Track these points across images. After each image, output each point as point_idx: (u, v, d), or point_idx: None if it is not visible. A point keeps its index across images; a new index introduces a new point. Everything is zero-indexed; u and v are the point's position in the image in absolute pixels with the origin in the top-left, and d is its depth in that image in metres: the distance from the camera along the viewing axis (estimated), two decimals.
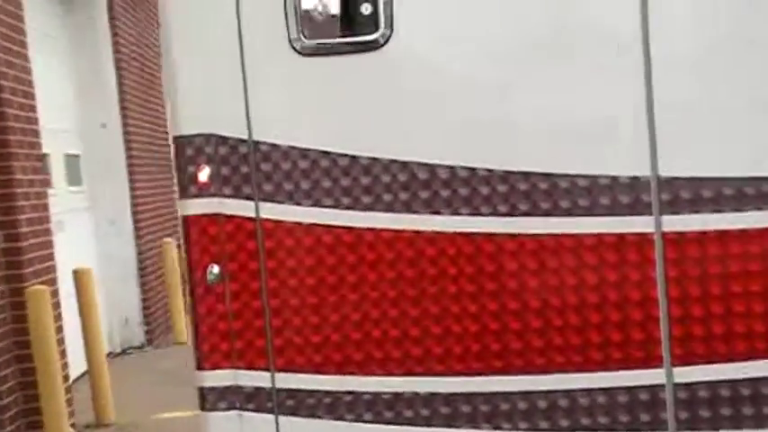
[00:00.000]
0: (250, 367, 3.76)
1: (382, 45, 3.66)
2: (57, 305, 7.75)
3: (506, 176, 3.63)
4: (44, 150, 8.30)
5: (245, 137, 3.73)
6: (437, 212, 3.67)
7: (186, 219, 3.79)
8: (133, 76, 11.14)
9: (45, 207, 8.33)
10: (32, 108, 8.19)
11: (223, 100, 3.71)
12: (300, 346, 3.74)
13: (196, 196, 3.76)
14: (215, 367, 3.78)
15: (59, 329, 7.55)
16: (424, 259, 3.68)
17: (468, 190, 3.65)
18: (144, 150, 11.31)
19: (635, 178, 3.56)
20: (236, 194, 3.74)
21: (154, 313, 10.92)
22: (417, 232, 3.68)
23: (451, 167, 3.65)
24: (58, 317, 7.65)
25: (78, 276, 8.17)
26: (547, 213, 3.61)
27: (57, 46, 9.77)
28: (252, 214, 3.74)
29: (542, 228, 3.63)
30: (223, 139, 3.73)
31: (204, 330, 3.78)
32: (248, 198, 3.74)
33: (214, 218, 3.74)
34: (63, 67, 9.96)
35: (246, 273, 3.75)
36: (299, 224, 3.72)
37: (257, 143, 3.72)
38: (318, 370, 3.75)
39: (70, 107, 10.12)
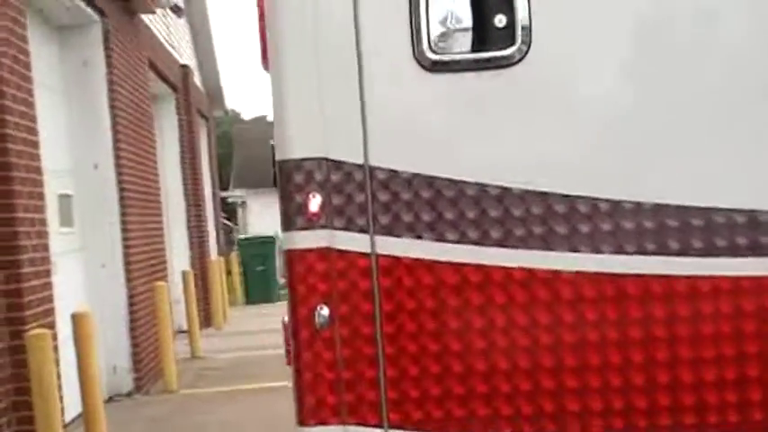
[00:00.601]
0: (361, 423, 3.31)
1: (518, 61, 3.28)
2: (56, 350, 7.23)
3: (657, 210, 3.25)
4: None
5: (360, 162, 3.31)
6: (576, 250, 3.27)
7: (291, 253, 3.34)
8: (127, 116, 10.66)
9: (46, 247, 7.83)
10: (35, 144, 7.71)
11: (338, 120, 3.30)
12: (418, 400, 3.30)
13: (304, 228, 3.32)
14: (321, 423, 3.32)
15: (58, 375, 7.04)
16: (563, 302, 3.27)
17: (611, 225, 3.26)
18: (136, 192, 10.79)
19: None
20: (350, 227, 3.31)
21: (143, 359, 10.34)
22: (555, 272, 3.28)
23: (594, 199, 3.26)
24: (57, 362, 7.14)
25: (77, 320, 7.67)
26: (704, 253, 3.24)
27: (51, 85, 9.28)
28: (367, 249, 3.31)
29: (696, 269, 3.25)
30: (336, 165, 3.31)
31: (309, 380, 3.32)
32: (363, 231, 3.31)
33: (324, 253, 3.31)
34: (56, 107, 9.47)
35: (359, 316, 3.31)
36: (420, 261, 3.30)
37: (374, 169, 3.31)
38: (438, 427, 3.31)
39: (63, 147, 9.61)
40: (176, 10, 15.38)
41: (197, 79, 18.06)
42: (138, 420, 9.02)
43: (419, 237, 3.30)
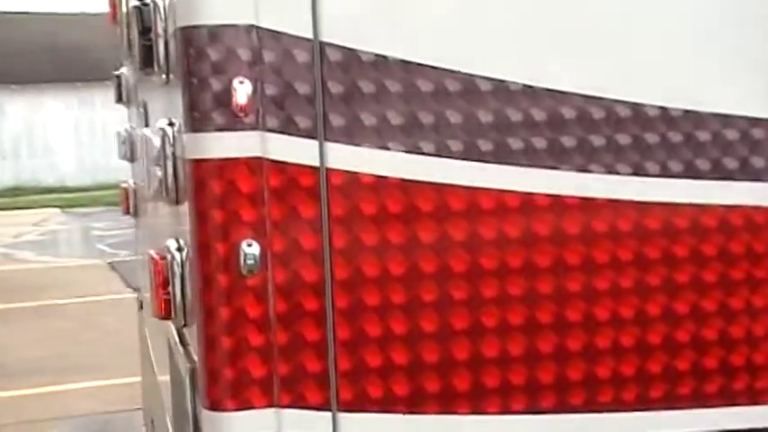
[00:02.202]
0: (300, 404, 2.35)
1: None
2: None
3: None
4: None
5: (308, 35, 2.31)
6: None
7: (201, 166, 2.30)
8: None
9: None
10: None
11: None
12: (380, 372, 2.39)
13: (223, 128, 2.28)
14: (243, 406, 2.32)
15: None
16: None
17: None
18: None
19: None
20: (290, 128, 2.31)
21: None
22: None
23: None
24: None
25: None
26: None
27: None
28: (314, 161, 2.33)
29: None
30: (273, 37, 2.29)
31: (228, 347, 2.31)
32: (309, 135, 2.32)
33: (252, 164, 2.29)
34: None
35: (303, 255, 2.33)
36: (387, 180, 2.36)
37: (327, 46, 2.32)
38: (407, 408, 2.41)
39: None
40: None
41: None
42: None
43: (386, 146, 2.36)
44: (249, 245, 2.29)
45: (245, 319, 2.31)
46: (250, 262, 2.29)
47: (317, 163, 2.32)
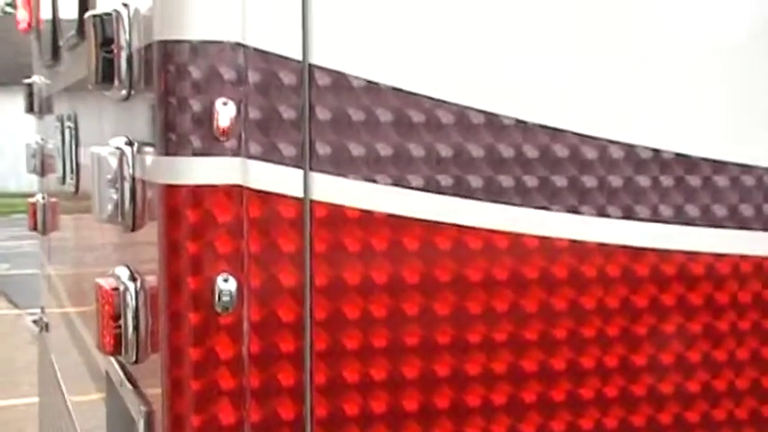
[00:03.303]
0: None
1: None
2: None
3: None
4: None
5: (296, 56, 2.15)
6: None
7: (175, 192, 2.11)
8: None
9: None
10: None
11: None
12: (359, 420, 2.22)
13: (202, 153, 2.09)
14: None
15: None
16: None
17: None
18: None
19: None
20: (274, 155, 2.14)
21: None
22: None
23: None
24: None
25: None
26: None
27: None
28: (298, 192, 2.16)
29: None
30: (259, 57, 2.12)
31: (197, 391, 2.12)
32: (293, 164, 2.15)
33: (232, 193, 2.11)
34: None
35: (282, 292, 2.16)
36: (374, 214, 2.21)
37: (316, 69, 2.16)
38: None
39: None
40: None
41: None
42: None
43: (373, 179, 2.21)
44: (225, 280, 2.10)
45: (216, 361, 2.12)
46: (225, 298, 2.10)
47: (300, 194, 2.15)
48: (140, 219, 2.36)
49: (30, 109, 5.35)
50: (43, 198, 5.14)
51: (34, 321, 6.06)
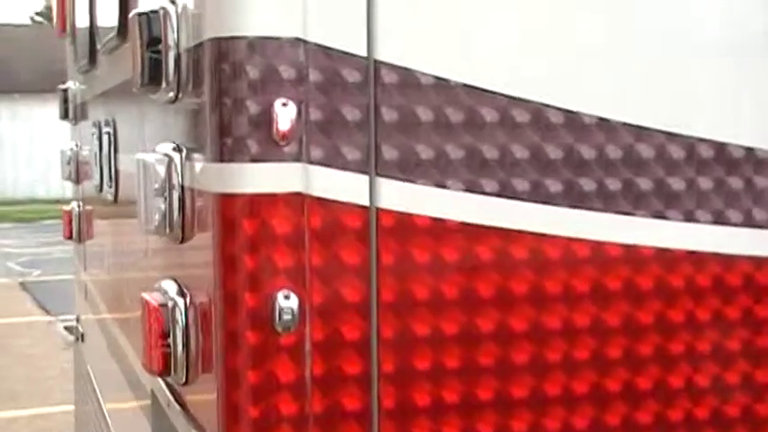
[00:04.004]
0: None
1: None
2: None
3: None
4: None
5: (361, 52, 1.97)
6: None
7: (229, 202, 1.94)
8: None
9: None
10: None
11: None
12: None
13: (258, 159, 1.92)
14: None
15: None
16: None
17: None
18: None
19: None
20: (337, 161, 1.96)
21: None
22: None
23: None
24: None
25: None
26: None
27: None
28: (363, 200, 1.99)
29: None
30: (322, 54, 1.94)
31: (254, 417, 1.95)
32: (358, 169, 1.98)
33: (292, 202, 1.94)
34: None
35: (348, 310, 1.98)
36: (446, 223, 2.03)
37: (382, 66, 1.98)
38: None
39: None
40: None
41: None
42: None
43: (444, 184, 2.03)
44: (286, 296, 1.93)
45: (276, 385, 1.94)
46: (286, 317, 1.93)
47: (366, 202, 1.98)
48: (190, 230, 2.20)
49: (65, 115, 5.23)
50: (79, 206, 5.00)
51: (66, 328, 5.96)
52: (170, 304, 2.23)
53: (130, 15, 2.29)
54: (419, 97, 2.00)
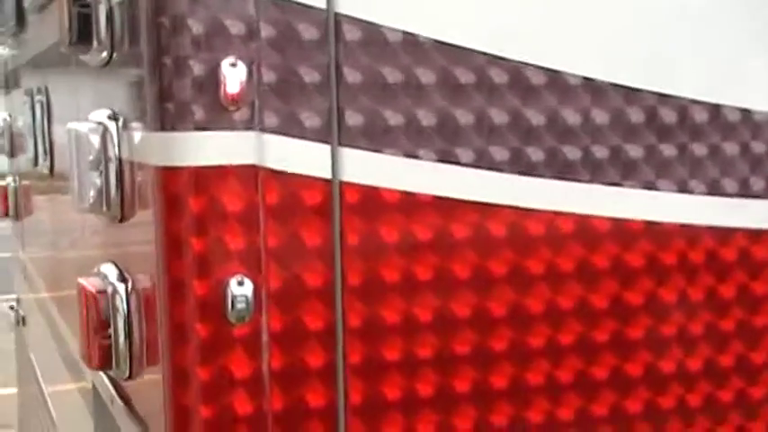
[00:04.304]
0: None
1: None
2: None
3: None
4: None
5: (319, 4, 1.74)
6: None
7: (171, 175, 1.70)
8: None
9: None
10: None
11: None
12: None
13: (205, 126, 1.69)
14: None
15: None
16: None
17: None
18: None
19: None
20: (294, 128, 1.74)
21: None
22: None
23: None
24: None
25: None
26: None
27: None
28: (325, 172, 1.76)
29: None
30: (275, 4, 1.71)
31: (208, 416, 1.73)
32: (319, 138, 1.75)
33: (243, 174, 1.71)
34: None
35: (308, 296, 1.76)
36: (416, 197, 1.82)
37: (343, 19, 1.76)
38: None
39: None
40: None
41: None
42: None
43: (415, 154, 1.82)
44: (240, 283, 1.71)
45: (230, 381, 1.72)
46: (240, 306, 1.70)
47: (328, 174, 1.76)
48: (129, 208, 1.97)
49: None
50: (14, 181, 4.71)
51: (11, 307, 5.68)
52: (109, 290, 2.00)
53: None
54: (386, 56, 1.78)
